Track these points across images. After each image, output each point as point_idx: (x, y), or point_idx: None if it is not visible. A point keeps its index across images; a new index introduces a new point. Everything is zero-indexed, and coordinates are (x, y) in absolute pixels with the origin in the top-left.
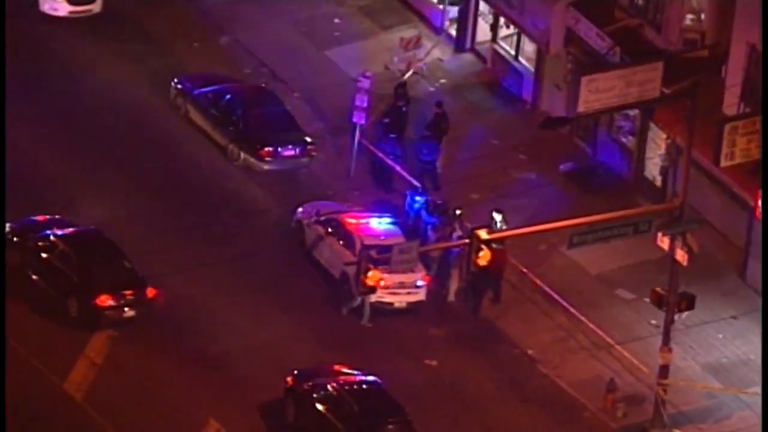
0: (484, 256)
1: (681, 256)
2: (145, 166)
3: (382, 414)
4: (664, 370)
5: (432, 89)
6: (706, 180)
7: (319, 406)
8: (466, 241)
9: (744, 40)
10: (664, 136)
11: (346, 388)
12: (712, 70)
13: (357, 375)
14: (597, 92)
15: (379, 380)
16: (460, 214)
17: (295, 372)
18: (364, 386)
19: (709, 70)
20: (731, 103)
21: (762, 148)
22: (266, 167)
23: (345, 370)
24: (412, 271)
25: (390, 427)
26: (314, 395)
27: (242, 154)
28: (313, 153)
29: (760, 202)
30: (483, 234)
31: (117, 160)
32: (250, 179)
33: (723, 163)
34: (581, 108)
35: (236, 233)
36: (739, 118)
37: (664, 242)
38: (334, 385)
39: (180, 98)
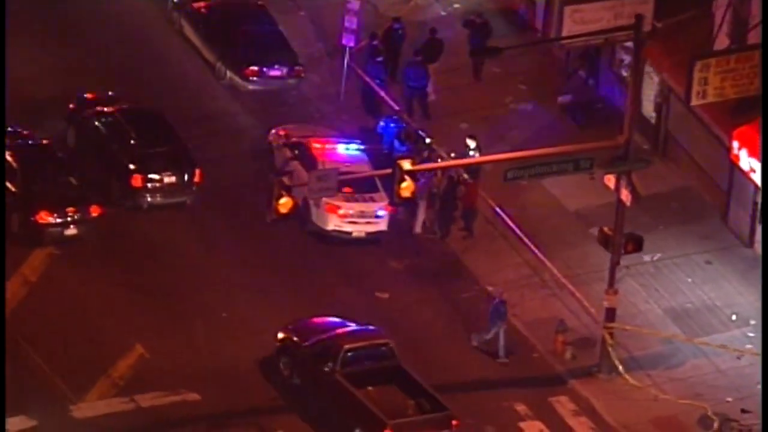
0: (407, 188)
1: (625, 195)
2: (129, 79)
3: (156, 141)
4: (610, 313)
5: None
6: (693, 119)
7: (99, 132)
8: (389, 171)
9: None
10: None
11: (126, 115)
12: (704, 6)
13: (136, 105)
14: (582, 23)
15: (156, 111)
16: (430, 143)
17: (78, 96)
18: (143, 114)
19: (701, 5)
20: (720, 40)
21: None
22: (250, 87)
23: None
24: (374, 200)
25: (162, 154)
26: (95, 122)
27: (228, 73)
28: (302, 74)
29: (735, 144)
30: (406, 164)
31: (103, 74)
32: (235, 98)
33: (694, 101)
34: (565, 40)
35: (207, 154)
36: (710, 55)
37: (610, 181)
38: (114, 112)
39: (176, 12)
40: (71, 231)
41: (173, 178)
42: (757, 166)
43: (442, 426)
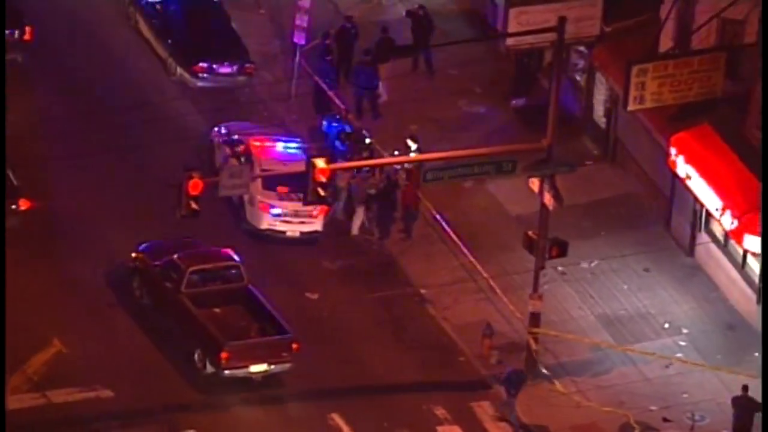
0: (322, 185)
1: (548, 200)
2: (78, 75)
3: None
4: (534, 318)
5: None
6: (638, 125)
7: None
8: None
9: None
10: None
11: None
12: (654, 10)
13: None
14: (528, 26)
15: None
16: (370, 143)
17: None
18: None
19: (650, 9)
20: (666, 45)
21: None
22: (199, 83)
23: None
24: None
25: None
26: None
27: (178, 69)
28: (252, 72)
29: (672, 150)
30: (320, 163)
31: (52, 65)
32: (184, 95)
33: (631, 106)
34: (510, 42)
35: (147, 150)
36: (648, 60)
37: (534, 184)
38: None
39: (131, 7)
40: None
41: None
42: (693, 173)
43: (281, 349)
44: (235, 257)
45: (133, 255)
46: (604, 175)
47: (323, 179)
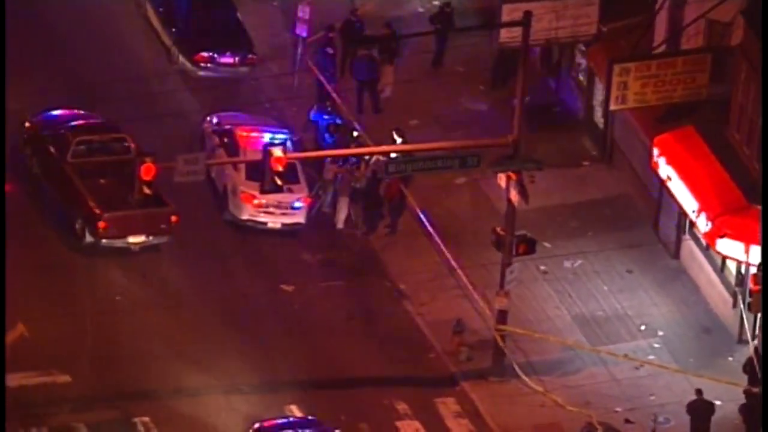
0: (279, 175)
1: (514, 196)
2: (86, 61)
3: None
4: (501, 315)
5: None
6: (631, 126)
7: None
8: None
9: None
10: None
11: None
12: (650, 10)
13: None
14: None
15: None
16: (357, 137)
17: None
18: None
19: (647, 9)
20: (660, 44)
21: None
22: (201, 73)
23: None
24: (291, 191)
25: None
26: None
27: (181, 57)
28: (255, 63)
29: (655, 151)
30: (276, 152)
31: (59, 51)
32: (185, 83)
33: (613, 106)
34: (503, 38)
35: (146, 138)
36: (629, 60)
37: (502, 180)
38: None
39: None
40: None
41: None
42: (673, 174)
43: (160, 221)
44: (120, 128)
45: (27, 124)
46: (599, 176)
47: (280, 168)
